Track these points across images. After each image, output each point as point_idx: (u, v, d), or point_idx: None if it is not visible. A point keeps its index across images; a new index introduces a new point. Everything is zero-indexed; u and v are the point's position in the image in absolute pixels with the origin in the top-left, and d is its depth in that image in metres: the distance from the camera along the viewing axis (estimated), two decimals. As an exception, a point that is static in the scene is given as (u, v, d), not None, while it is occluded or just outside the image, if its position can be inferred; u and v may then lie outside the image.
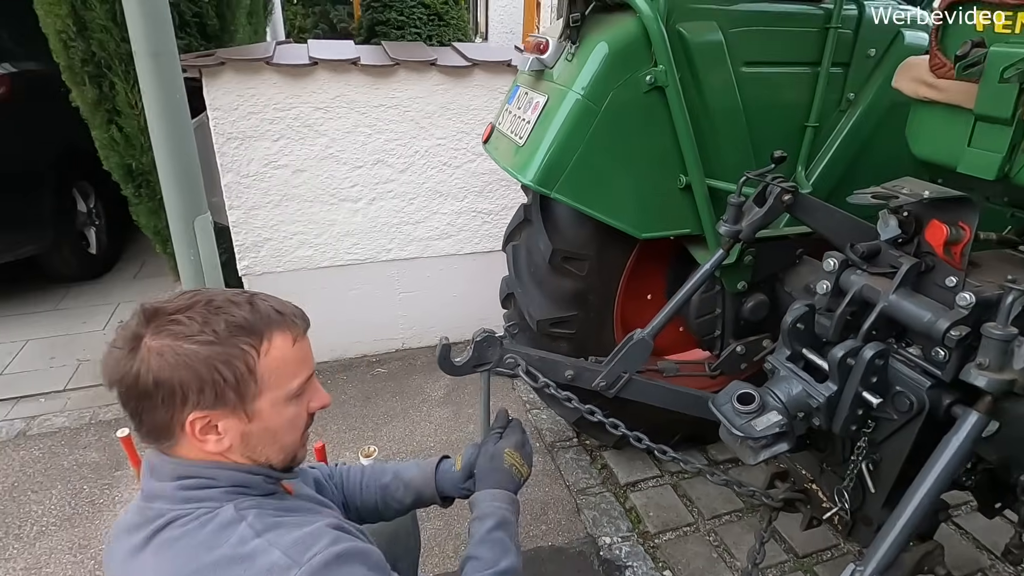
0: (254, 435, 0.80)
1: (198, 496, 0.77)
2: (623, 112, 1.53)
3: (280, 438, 0.83)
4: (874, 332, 1.27)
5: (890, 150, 1.70)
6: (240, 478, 0.80)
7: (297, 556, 0.71)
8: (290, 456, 0.86)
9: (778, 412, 1.25)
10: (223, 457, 0.80)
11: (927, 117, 1.32)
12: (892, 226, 1.22)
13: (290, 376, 0.82)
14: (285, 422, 0.83)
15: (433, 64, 2.47)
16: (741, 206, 1.45)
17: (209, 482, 0.78)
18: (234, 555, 0.71)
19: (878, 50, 1.70)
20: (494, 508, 1.02)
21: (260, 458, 0.83)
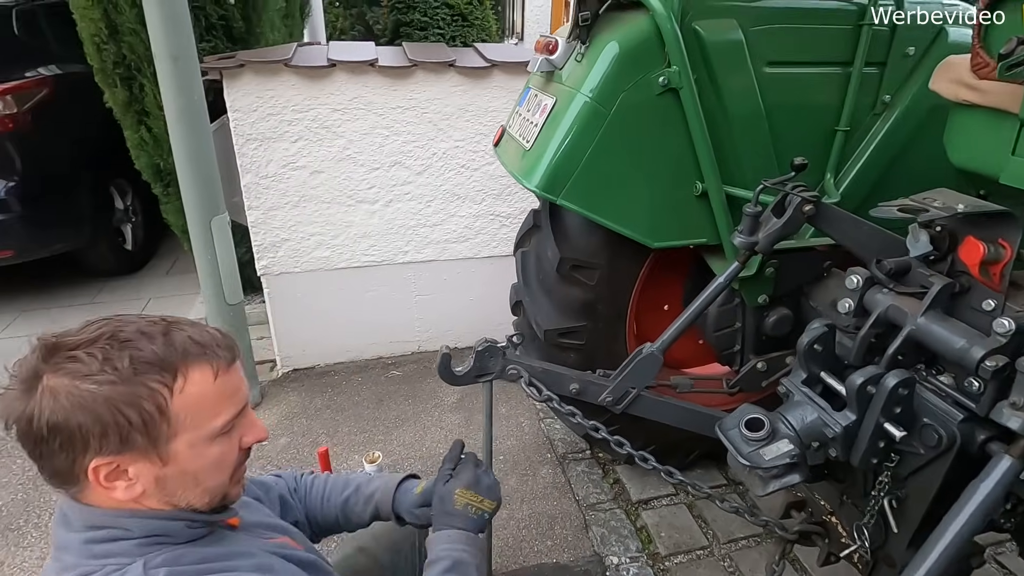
0: (171, 479, 0.72)
1: (106, 551, 0.70)
2: (634, 115, 1.46)
3: (203, 480, 0.75)
4: (900, 357, 1.16)
5: (930, 157, 1.57)
6: (156, 526, 0.73)
7: None
8: (217, 497, 0.78)
9: (789, 441, 1.16)
10: (137, 504, 0.72)
11: (967, 122, 1.20)
12: (923, 242, 1.11)
13: (211, 414, 0.74)
14: (208, 463, 0.75)
15: (451, 65, 2.44)
16: (758, 216, 1.36)
17: (121, 533, 0.71)
18: None
19: (918, 49, 1.57)
20: (446, 551, 0.96)
21: (180, 503, 0.75)
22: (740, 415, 1.22)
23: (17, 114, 3.05)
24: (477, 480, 1.07)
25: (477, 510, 1.04)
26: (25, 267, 3.42)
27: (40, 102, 3.19)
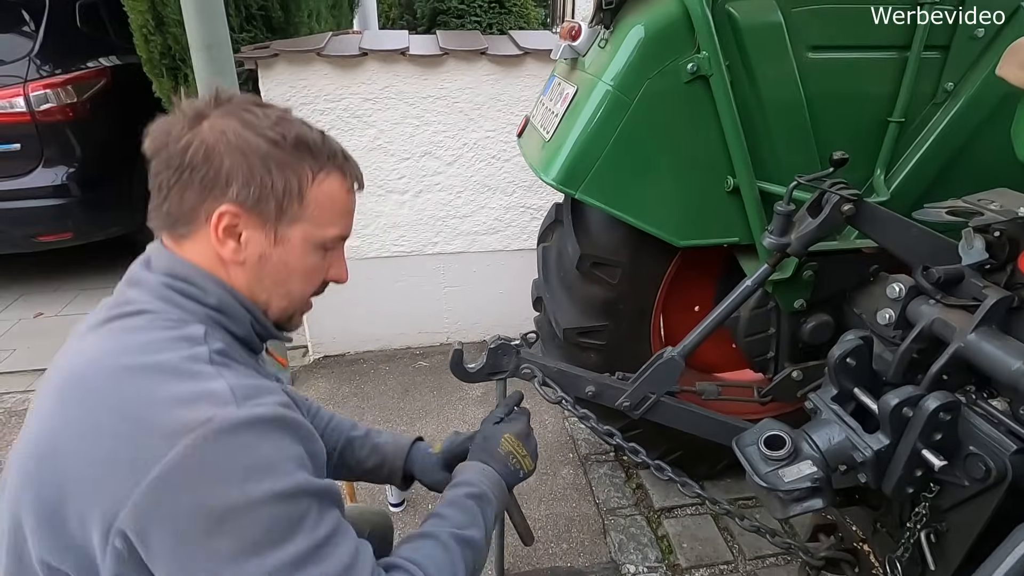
0: (271, 263, 0.73)
1: (178, 301, 0.70)
2: (660, 104, 1.37)
3: (292, 282, 0.76)
4: (945, 377, 1.04)
5: (998, 152, 1.40)
6: (230, 304, 0.72)
7: (241, 397, 0.63)
8: (289, 312, 0.79)
9: (813, 462, 1.06)
10: (227, 273, 0.72)
11: (1039, 113, 1.06)
12: (978, 249, 0.98)
13: (330, 220, 0.75)
14: (304, 267, 0.75)
15: (483, 53, 2.38)
16: (791, 215, 1.25)
17: (199, 293, 0.71)
18: (178, 366, 0.64)
19: (988, 31, 1.40)
20: (476, 479, 0.91)
21: (261, 295, 0.75)
22: (760, 431, 1.13)
23: (77, 103, 3.21)
24: (527, 434, 1.04)
25: (517, 463, 0.99)
26: (84, 248, 3.62)
27: (99, 91, 3.35)
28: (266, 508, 0.60)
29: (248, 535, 0.59)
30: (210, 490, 0.59)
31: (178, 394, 0.62)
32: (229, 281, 0.73)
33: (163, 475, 0.58)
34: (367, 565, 0.67)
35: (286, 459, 0.64)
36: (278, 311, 0.77)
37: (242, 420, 0.61)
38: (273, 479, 0.61)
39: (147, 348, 0.65)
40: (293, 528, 0.62)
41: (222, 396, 0.62)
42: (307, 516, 0.63)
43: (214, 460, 0.59)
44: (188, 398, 0.61)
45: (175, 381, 0.63)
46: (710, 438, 1.61)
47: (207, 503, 0.59)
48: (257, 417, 0.63)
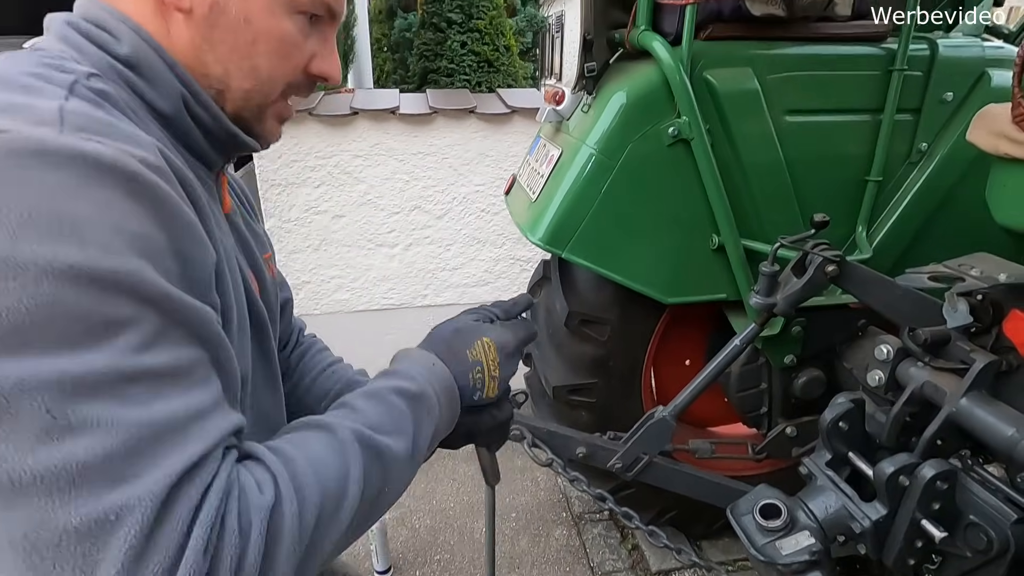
0: (227, 17, 0.51)
1: (77, 42, 0.49)
2: (643, 167, 1.39)
3: (257, 54, 0.53)
4: (939, 442, 1.02)
5: (974, 210, 1.43)
6: (146, 58, 0.50)
7: (73, 125, 0.40)
8: (256, 100, 0.55)
9: (810, 533, 1.02)
10: (164, 29, 0.51)
11: (1012, 178, 1.08)
12: (962, 312, 0.98)
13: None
14: (274, 33, 0.53)
15: (472, 111, 2.44)
16: (776, 276, 1.25)
17: (105, 38, 0.49)
18: (8, 75, 0.43)
19: (957, 94, 1.45)
20: (420, 374, 0.61)
21: (214, 66, 0.53)
22: (755, 499, 1.10)
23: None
24: (512, 351, 0.70)
25: (480, 379, 0.67)
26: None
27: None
28: (45, 285, 0.36)
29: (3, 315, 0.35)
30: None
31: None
32: (166, 40, 0.52)
33: None
34: (208, 437, 0.41)
35: (111, 230, 0.38)
36: (240, 96, 0.54)
37: (54, 149, 0.38)
38: (72, 246, 0.37)
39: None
40: (90, 333, 0.37)
41: (42, 113, 0.40)
42: (124, 326, 0.38)
43: None
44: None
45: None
46: (705, 500, 1.57)
47: None
48: (83, 154, 0.38)
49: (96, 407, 0.36)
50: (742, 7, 1.33)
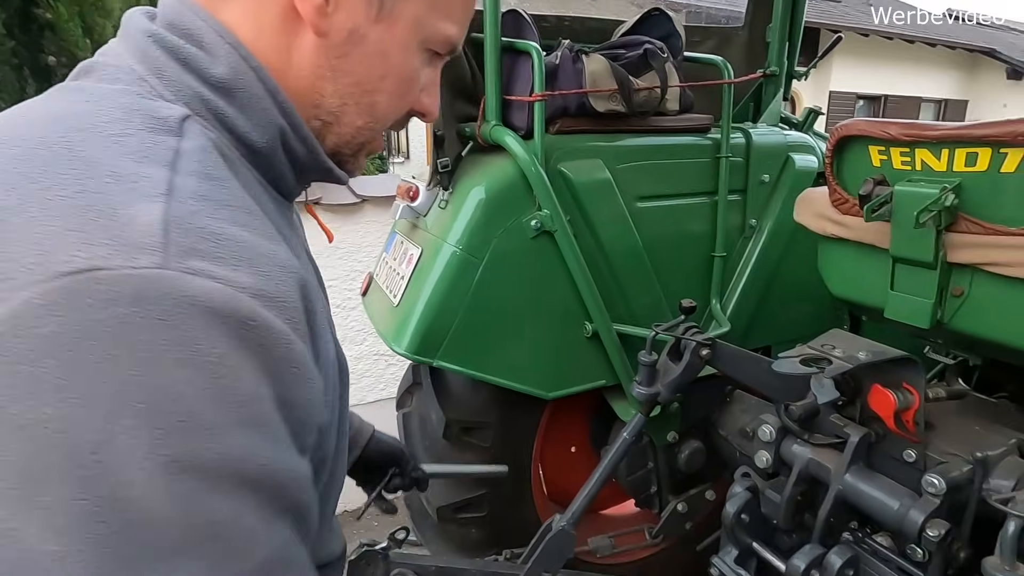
0: (364, 47, 0.48)
1: (161, 63, 0.42)
2: (509, 262, 1.33)
3: (383, 88, 0.50)
4: (832, 520, 1.02)
5: (803, 275, 1.58)
6: (246, 83, 0.44)
7: (184, 246, 0.34)
8: (361, 138, 0.52)
9: None
10: (286, 45, 0.45)
11: (839, 255, 1.19)
12: (828, 387, 1.01)
13: (451, 10, 0.51)
14: (404, 73, 0.51)
15: (317, 203, 2.25)
16: (654, 365, 1.23)
17: (199, 56, 0.43)
18: (95, 155, 0.35)
19: (771, 175, 1.63)
20: None
21: (331, 97, 0.48)
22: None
23: None
24: None
25: None
26: None
27: None
28: (138, 486, 0.30)
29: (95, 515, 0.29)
30: (45, 397, 0.29)
31: (68, 200, 0.33)
32: (279, 60, 0.46)
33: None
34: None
35: (217, 403, 0.33)
36: (349, 132, 0.51)
37: (156, 296, 0.31)
38: (172, 436, 0.31)
39: (64, 117, 0.38)
40: (186, 539, 0.31)
41: (142, 230, 0.33)
42: (224, 527, 0.33)
43: (74, 346, 0.30)
44: (80, 212, 0.33)
45: (73, 177, 0.34)
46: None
47: (34, 415, 0.29)
48: (191, 300, 0.32)
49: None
50: (586, 103, 1.36)
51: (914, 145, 0.97)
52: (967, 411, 1.10)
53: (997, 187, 0.90)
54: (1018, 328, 0.92)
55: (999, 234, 0.90)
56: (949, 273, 0.99)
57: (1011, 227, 0.90)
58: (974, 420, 1.05)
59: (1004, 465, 0.93)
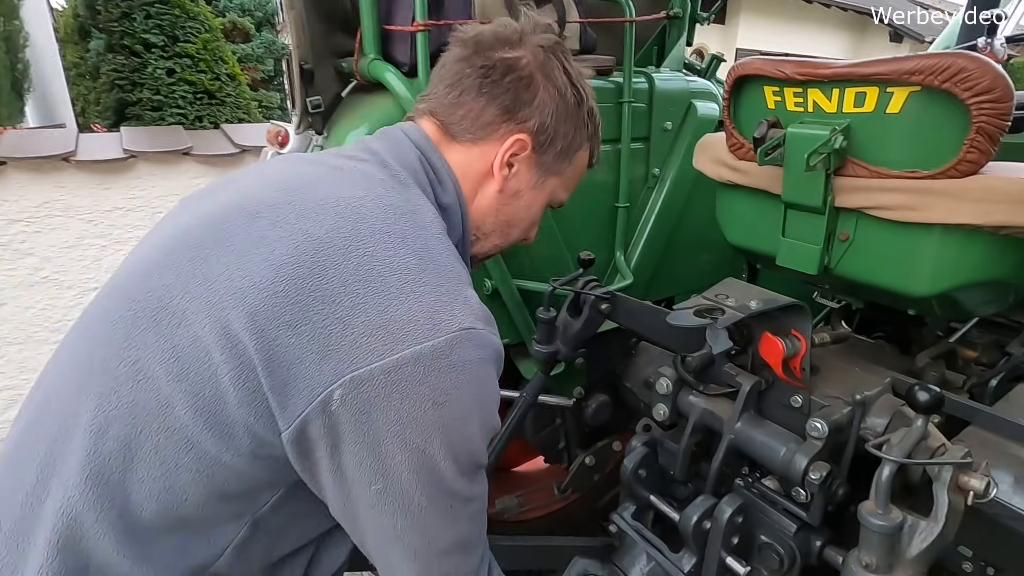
0: (520, 201, 0.78)
1: (420, 179, 0.70)
2: (397, 215, 1.20)
3: (518, 226, 0.81)
4: (725, 469, 1.03)
5: (706, 226, 1.57)
6: (455, 212, 0.73)
7: (486, 318, 0.62)
8: (493, 253, 0.84)
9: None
10: (477, 190, 0.75)
11: (735, 202, 1.16)
12: (722, 338, 1.00)
13: (570, 186, 0.84)
14: (534, 216, 0.82)
15: (187, 154, 1.98)
16: (553, 321, 1.17)
17: (438, 187, 0.71)
18: (440, 253, 0.63)
19: (674, 123, 1.59)
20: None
21: (488, 226, 0.78)
22: (575, 574, 0.98)
23: None
24: None
25: None
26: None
27: None
28: (470, 462, 0.61)
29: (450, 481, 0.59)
30: (447, 407, 0.57)
31: (440, 284, 0.59)
32: (471, 195, 0.75)
33: (410, 361, 0.55)
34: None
35: (491, 417, 0.63)
36: (489, 247, 0.81)
37: (494, 346, 0.61)
38: (486, 433, 0.62)
39: (408, 213, 0.63)
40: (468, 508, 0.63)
41: (477, 308, 0.61)
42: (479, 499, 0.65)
43: (464, 376, 0.57)
44: (447, 292, 0.59)
45: (434, 268, 0.60)
46: (528, 567, 1.44)
47: (435, 420, 0.56)
48: (499, 351, 0.62)
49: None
50: (476, 37, 1.23)
51: (807, 85, 0.94)
52: (849, 354, 1.13)
53: (883, 128, 0.88)
54: (895, 271, 0.93)
55: (883, 177, 0.89)
56: (837, 218, 0.98)
57: (894, 170, 0.89)
58: (855, 362, 1.08)
59: (879, 405, 0.96)
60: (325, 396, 0.52)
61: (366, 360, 0.53)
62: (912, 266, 0.91)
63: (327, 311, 0.53)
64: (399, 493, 0.56)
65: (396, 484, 0.56)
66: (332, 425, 0.53)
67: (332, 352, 0.53)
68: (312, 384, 0.52)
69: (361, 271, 0.56)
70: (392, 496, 0.56)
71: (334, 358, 0.53)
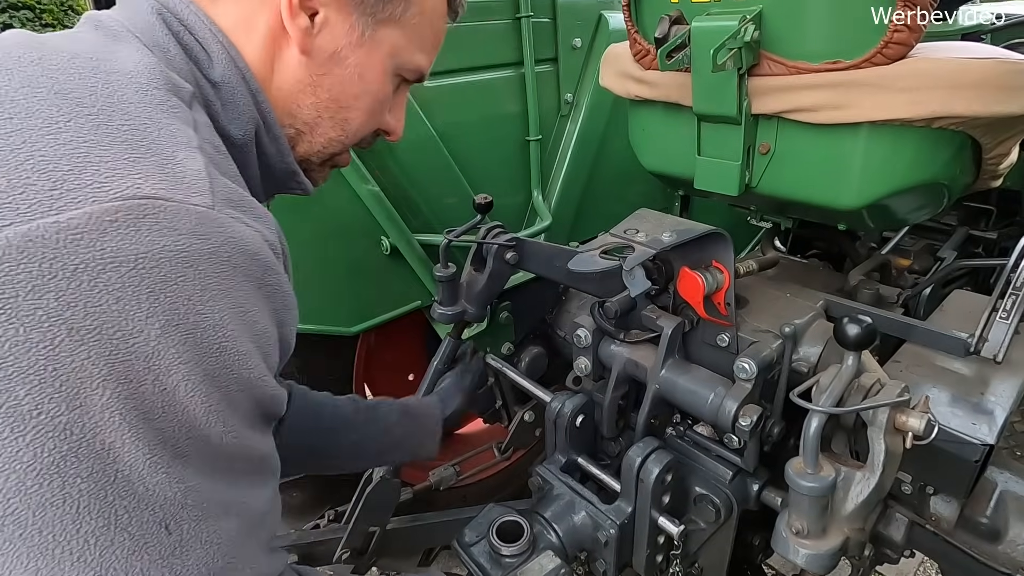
0: (343, 68, 0.55)
1: (169, 49, 0.48)
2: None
3: (356, 108, 0.57)
4: (654, 420, 0.93)
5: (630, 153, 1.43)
6: (235, 90, 0.50)
7: (223, 197, 0.41)
8: (331, 150, 0.59)
9: (554, 552, 0.85)
10: (271, 59, 0.52)
11: (646, 120, 1.02)
12: (640, 278, 0.87)
13: (423, 43, 0.60)
14: (378, 95, 0.58)
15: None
16: (454, 278, 1.03)
17: (200, 54, 0.49)
18: (145, 112, 0.41)
19: (584, 39, 1.41)
20: None
21: (306, 110, 0.55)
22: (487, 521, 0.88)
23: None
24: None
25: None
26: None
27: None
28: (198, 392, 0.37)
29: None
30: (89, 340, 0.33)
31: (117, 134, 0.38)
32: (262, 68, 0.52)
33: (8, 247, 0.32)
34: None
35: (244, 335, 0.40)
36: (321, 143, 0.58)
37: (214, 231, 0.38)
38: (211, 357, 0.38)
39: (110, 61, 0.42)
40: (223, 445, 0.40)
41: (192, 173, 0.39)
42: (244, 432, 0.42)
43: (135, 263, 0.34)
44: (132, 146, 0.38)
45: (119, 112, 0.39)
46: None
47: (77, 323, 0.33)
48: (236, 240, 0.39)
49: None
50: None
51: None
52: (779, 279, 1.04)
53: (798, 12, 0.74)
54: (821, 184, 0.82)
55: (802, 72, 0.76)
56: (755, 128, 0.86)
57: (814, 63, 0.76)
58: (785, 288, 0.98)
59: (811, 333, 0.87)
60: None
61: None
62: (838, 176, 0.80)
63: None
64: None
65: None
66: None
67: None
68: None
69: None
70: None
71: None
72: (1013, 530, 0.81)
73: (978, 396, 0.75)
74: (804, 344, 0.87)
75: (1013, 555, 0.81)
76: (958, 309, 0.94)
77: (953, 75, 0.68)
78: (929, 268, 1.29)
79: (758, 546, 1.02)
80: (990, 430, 0.70)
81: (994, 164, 0.85)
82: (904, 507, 0.84)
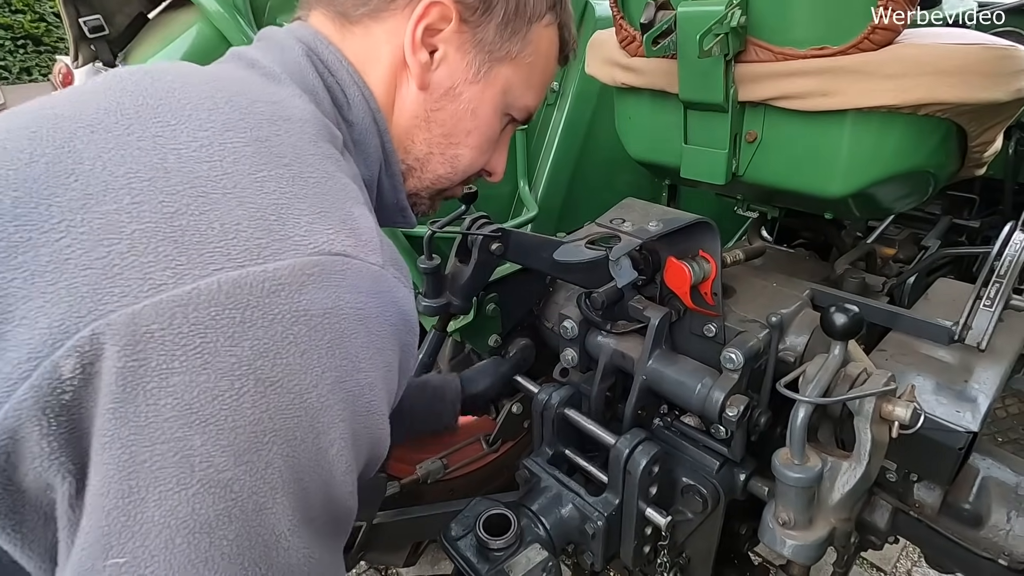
0: (458, 103, 0.55)
1: (316, 92, 0.49)
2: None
3: (467, 144, 0.58)
4: (641, 412, 0.93)
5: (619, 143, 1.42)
6: (368, 133, 0.52)
7: (389, 257, 0.42)
8: (439, 186, 0.61)
9: (542, 546, 0.84)
10: (392, 94, 0.53)
11: (632, 108, 1.01)
12: (626, 268, 0.86)
13: (534, 82, 0.60)
14: (488, 132, 0.59)
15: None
16: (439, 270, 1.01)
17: (340, 98, 0.51)
18: (319, 164, 0.42)
19: (569, 26, 1.39)
20: None
21: (419, 146, 0.57)
22: (474, 515, 0.87)
23: None
24: None
25: None
26: None
27: None
28: (341, 441, 0.37)
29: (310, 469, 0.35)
30: (284, 390, 0.33)
31: (297, 188, 0.38)
32: (388, 106, 0.54)
33: (217, 295, 0.32)
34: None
35: (385, 392, 0.41)
36: (429, 179, 0.60)
37: (391, 296, 0.39)
38: (361, 410, 0.38)
39: (280, 106, 0.44)
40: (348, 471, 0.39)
41: (368, 232, 0.40)
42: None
43: (325, 315, 0.35)
44: (319, 201, 0.39)
45: (289, 167, 0.39)
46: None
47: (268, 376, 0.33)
48: (398, 304, 0.40)
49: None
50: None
51: (698, -48, 0.77)
52: (766, 268, 1.04)
53: (786, -2, 0.73)
54: (807, 172, 0.81)
55: (789, 58, 0.75)
56: (742, 116, 0.85)
57: (801, 49, 0.75)
58: (772, 277, 0.98)
59: (797, 322, 0.87)
60: (57, 359, 0.30)
61: (136, 290, 0.30)
62: (825, 164, 0.80)
63: (67, 220, 0.32)
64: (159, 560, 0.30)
65: (157, 543, 0.30)
66: (69, 407, 0.30)
67: (76, 279, 0.31)
68: (41, 333, 0.30)
69: (142, 157, 0.34)
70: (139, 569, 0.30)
71: (82, 290, 0.30)
72: (995, 515, 0.82)
73: (962, 384, 0.76)
74: (791, 334, 0.87)
75: (995, 540, 0.81)
76: (942, 297, 0.94)
77: (938, 61, 0.68)
78: (914, 257, 1.30)
79: (745, 535, 1.02)
80: (974, 417, 0.70)
81: (979, 152, 0.84)
82: (888, 494, 0.85)
